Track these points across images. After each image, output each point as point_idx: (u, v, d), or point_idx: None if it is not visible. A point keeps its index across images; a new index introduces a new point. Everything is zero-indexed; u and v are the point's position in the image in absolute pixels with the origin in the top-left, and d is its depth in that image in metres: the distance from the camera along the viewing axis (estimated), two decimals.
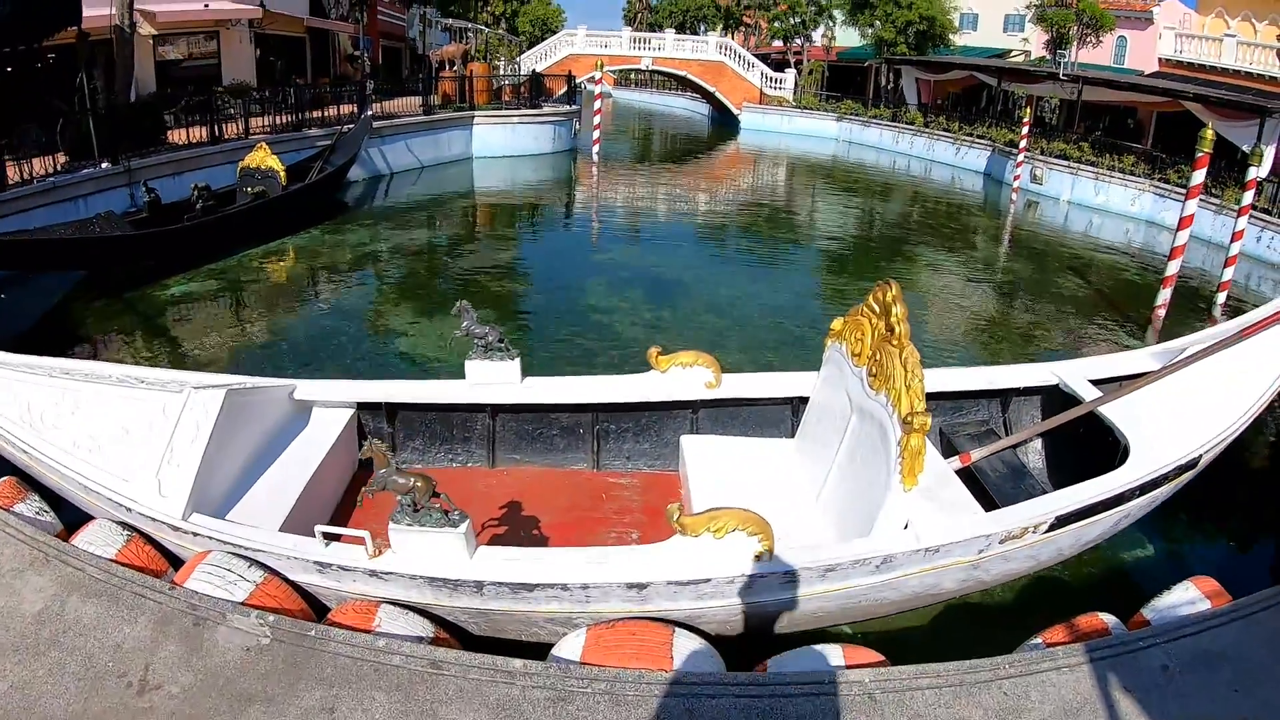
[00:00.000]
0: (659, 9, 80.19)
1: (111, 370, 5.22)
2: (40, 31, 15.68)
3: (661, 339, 9.67)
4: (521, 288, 12.50)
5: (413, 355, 9.30)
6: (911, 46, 42.04)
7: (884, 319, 4.90)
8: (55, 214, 14.04)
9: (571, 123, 29.33)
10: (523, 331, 10.22)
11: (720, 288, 12.46)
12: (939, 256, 17.22)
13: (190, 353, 9.78)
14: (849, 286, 13.73)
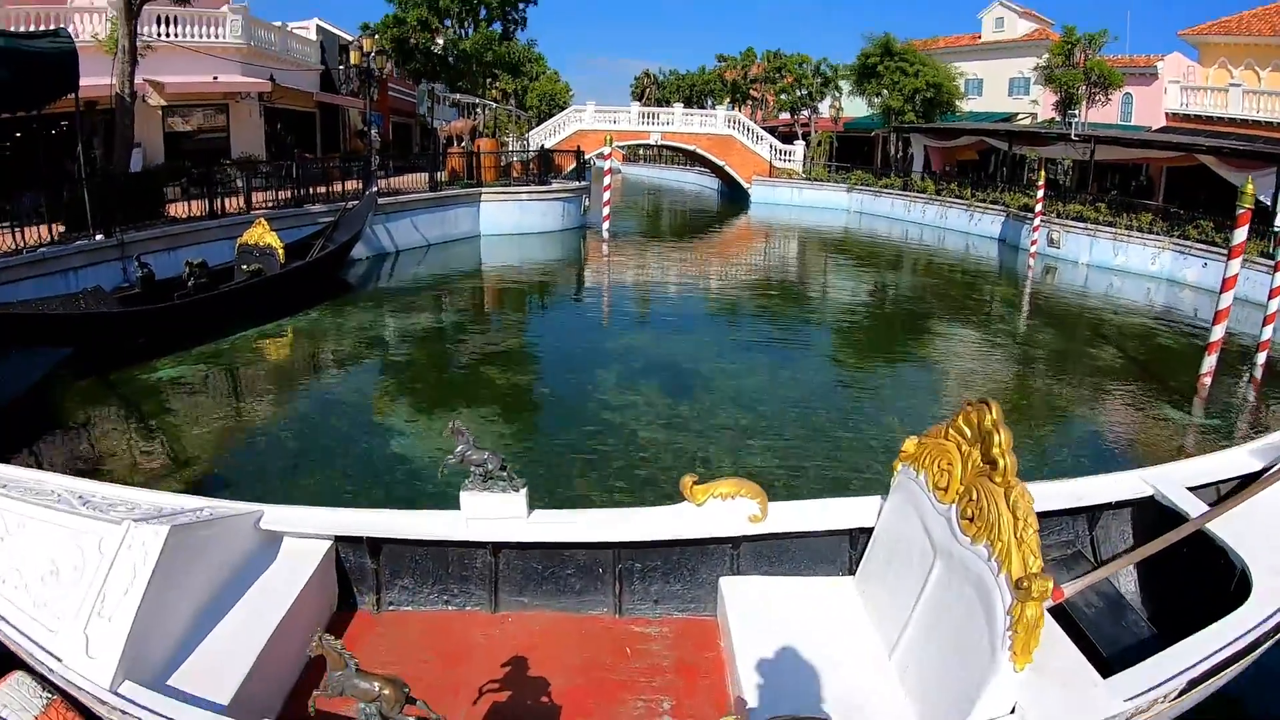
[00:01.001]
0: (666, 84, 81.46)
1: (55, 483, 4.50)
2: (38, 99, 15.28)
3: (682, 440, 9.02)
4: (528, 380, 11.77)
5: (410, 459, 8.54)
6: (919, 114, 42.29)
7: (981, 448, 4.02)
8: (44, 286, 13.66)
9: (581, 199, 29.04)
10: (530, 433, 9.48)
11: (741, 376, 11.76)
12: (960, 329, 16.70)
13: (165, 450, 9.10)
14: (872, 368, 13.06)
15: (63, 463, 8.88)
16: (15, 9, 23.16)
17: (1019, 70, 44.90)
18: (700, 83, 72.28)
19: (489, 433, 9.22)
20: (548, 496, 7.59)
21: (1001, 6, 47.75)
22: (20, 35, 15.34)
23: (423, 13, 37.84)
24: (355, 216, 19.12)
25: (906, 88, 41.43)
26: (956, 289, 21.90)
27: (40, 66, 14.48)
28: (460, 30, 39.41)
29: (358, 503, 7.48)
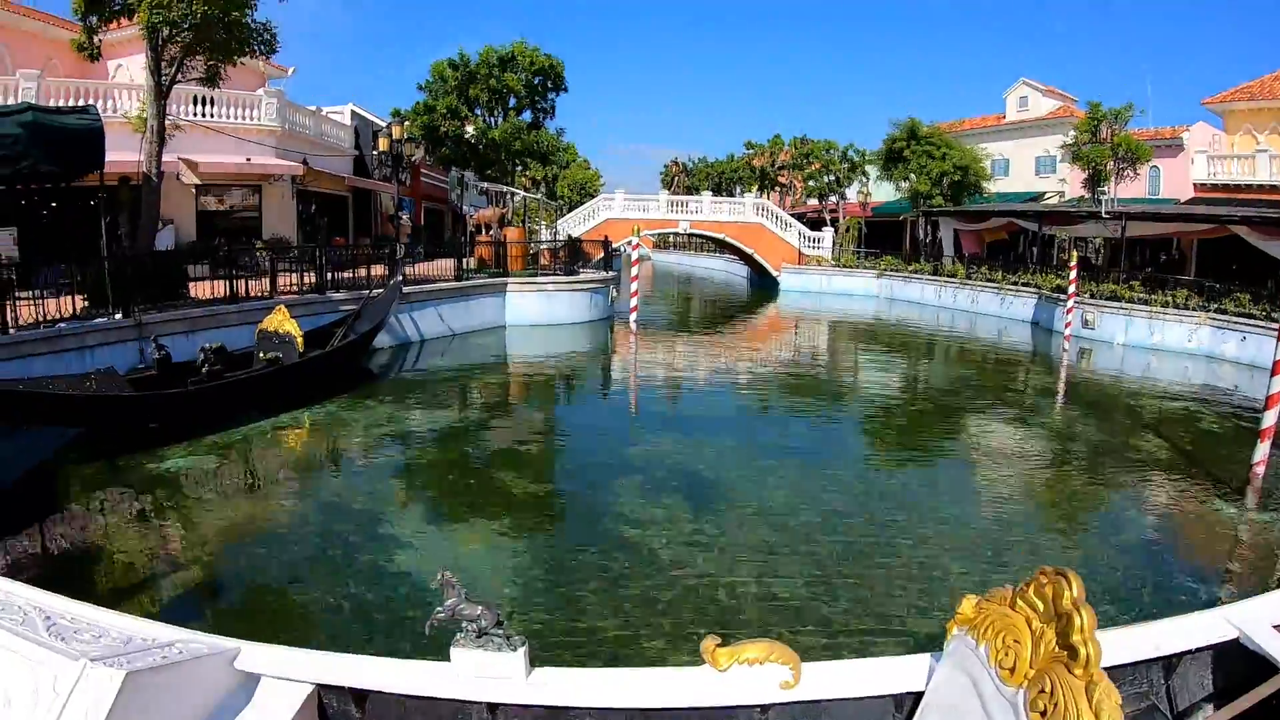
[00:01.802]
0: (695, 171, 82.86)
1: (23, 597, 3.97)
2: (66, 173, 15.52)
3: (705, 561, 8.40)
4: (545, 489, 11.18)
5: (416, 577, 7.96)
6: (947, 197, 42.45)
7: (1056, 628, 3.40)
8: (56, 364, 13.50)
9: (608, 289, 28.88)
10: (543, 550, 8.86)
11: (770, 486, 11.08)
12: (996, 423, 16.05)
13: (156, 554, 8.61)
14: (908, 473, 12.33)
15: (48, 558, 8.57)
16: (56, 83, 23.61)
17: (1045, 149, 45.43)
18: (728, 170, 73.41)
19: (500, 548, 8.72)
20: (558, 625, 7.09)
21: (1025, 85, 48.51)
22: (50, 110, 15.48)
23: (452, 101, 38.63)
24: (379, 306, 18.93)
25: (934, 171, 41.81)
26: (991, 377, 21.38)
27: (68, 141, 14.57)
28: (490, 119, 40.04)
29: (357, 627, 7.00)
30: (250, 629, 6.87)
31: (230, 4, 16.72)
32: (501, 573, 8.08)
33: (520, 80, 39.46)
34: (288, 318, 15.64)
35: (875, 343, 28.39)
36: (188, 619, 7.04)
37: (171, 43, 17.37)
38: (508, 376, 19.90)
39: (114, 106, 23.66)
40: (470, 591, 4.37)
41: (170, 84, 17.90)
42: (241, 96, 26.80)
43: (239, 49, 17.95)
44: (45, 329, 13.90)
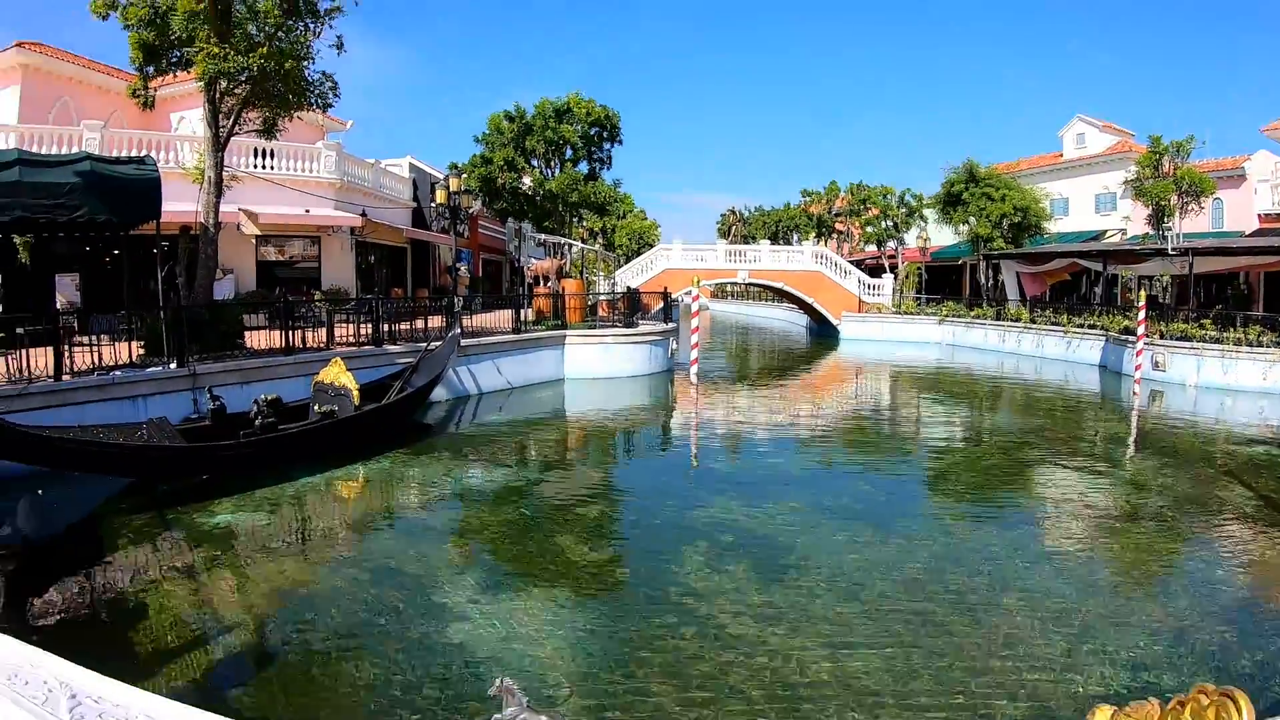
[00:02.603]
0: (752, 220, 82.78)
1: (50, 670, 3.59)
2: (123, 223, 15.68)
3: (774, 637, 7.75)
4: (605, 556, 10.55)
5: (469, 650, 7.45)
6: (1008, 239, 41.69)
7: None
8: (109, 411, 13.59)
9: (668, 341, 28.41)
10: (603, 623, 8.23)
11: (839, 552, 10.35)
12: (1069, 475, 15.09)
13: (196, 618, 8.27)
14: (981, 533, 11.38)
15: (85, 616, 8.29)
16: (119, 133, 24.06)
17: (1104, 185, 44.99)
18: (785, 218, 73.23)
19: (557, 620, 8.16)
20: (619, 704, 6.55)
21: (1081, 122, 48.03)
22: (108, 160, 15.71)
23: (509, 153, 38.92)
24: (437, 359, 18.77)
25: (993, 213, 41.19)
26: (1060, 426, 20.35)
27: (125, 191, 14.77)
28: (546, 170, 40.22)
29: (403, 712, 6.48)
30: (293, 704, 6.58)
31: (286, 57, 16.83)
32: (559, 648, 7.55)
33: (576, 131, 39.67)
34: (344, 370, 15.51)
35: (940, 392, 27.49)
36: (228, 688, 6.81)
37: (229, 95, 17.60)
38: (566, 432, 19.41)
39: (175, 158, 24.06)
40: (532, 700, 3.83)
41: (228, 136, 18.11)
42: (301, 149, 27.20)
43: (296, 101, 18.15)
44: (100, 376, 14.00)
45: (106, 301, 20.11)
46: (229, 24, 16.75)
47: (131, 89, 18.20)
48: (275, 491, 12.60)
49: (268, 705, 6.58)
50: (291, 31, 17.55)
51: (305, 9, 17.67)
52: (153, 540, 10.64)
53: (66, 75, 29.74)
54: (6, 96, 28.32)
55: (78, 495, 12.41)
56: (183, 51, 17.03)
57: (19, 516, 11.82)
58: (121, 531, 10.85)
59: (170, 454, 12.41)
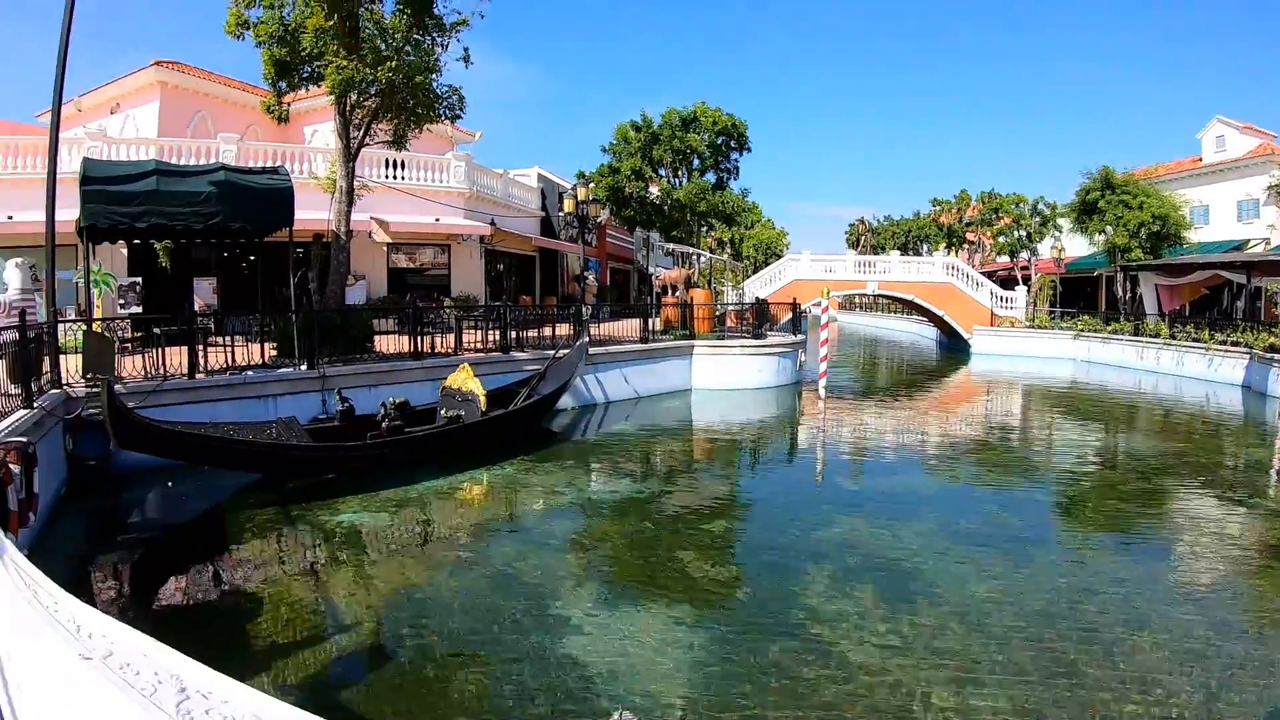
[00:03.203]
0: (881, 230, 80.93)
1: (161, 663, 3.55)
2: (257, 230, 16.25)
3: (898, 668, 7.12)
4: (728, 573, 9.99)
5: (584, 665, 7.08)
6: (1146, 249, 39.15)
7: None
8: (240, 410, 14.03)
9: (796, 353, 27.57)
10: (722, 645, 7.70)
11: (969, 581, 9.50)
12: (1213, 505, 13.67)
13: (312, 614, 8.28)
14: (1119, 567, 10.23)
15: (204, 606, 8.50)
16: (254, 146, 24.89)
17: (1246, 192, 41.95)
18: (914, 228, 71.25)
19: (675, 639, 7.71)
20: None
21: (1221, 124, 44.84)
22: (242, 170, 16.47)
23: (636, 162, 38.83)
24: (565, 366, 18.70)
25: (1130, 222, 38.76)
26: (1199, 449, 18.59)
27: (258, 199, 15.35)
28: (674, 179, 39.96)
29: (518, 713, 6.28)
30: (404, 709, 6.38)
31: (414, 70, 16.99)
32: (676, 667, 7.13)
33: (703, 140, 39.29)
34: (471, 376, 15.58)
35: (1074, 410, 25.75)
36: (340, 689, 6.69)
37: (359, 107, 17.94)
38: (692, 443, 18.91)
39: (308, 169, 24.74)
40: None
41: (358, 147, 18.49)
42: (431, 160, 27.73)
43: (424, 113, 18.39)
44: (232, 375, 14.47)
45: (242, 305, 20.79)
46: (358, 39, 17.16)
47: (265, 104, 18.80)
48: (399, 493, 12.61)
49: (378, 710, 6.41)
50: (419, 45, 17.85)
51: (431, 24, 17.98)
52: (276, 536, 10.78)
53: (203, 91, 31.27)
54: (146, 112, 29.97)
55: (207, 489, 12.76)
56: (313, 66, 17.55)
57: (148, 507, 12.32)
58: (246, 526, 11.03)
59: (297, 452, 12.65)
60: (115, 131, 28.22)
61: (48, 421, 11.10)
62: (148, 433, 11.30)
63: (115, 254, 21.98)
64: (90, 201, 13.75)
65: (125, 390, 12.60)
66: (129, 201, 13.98)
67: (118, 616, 4.34)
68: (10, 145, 23.09)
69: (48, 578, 4.23)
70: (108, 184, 14.04)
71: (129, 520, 11.92)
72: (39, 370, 11.99)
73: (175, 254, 21.80)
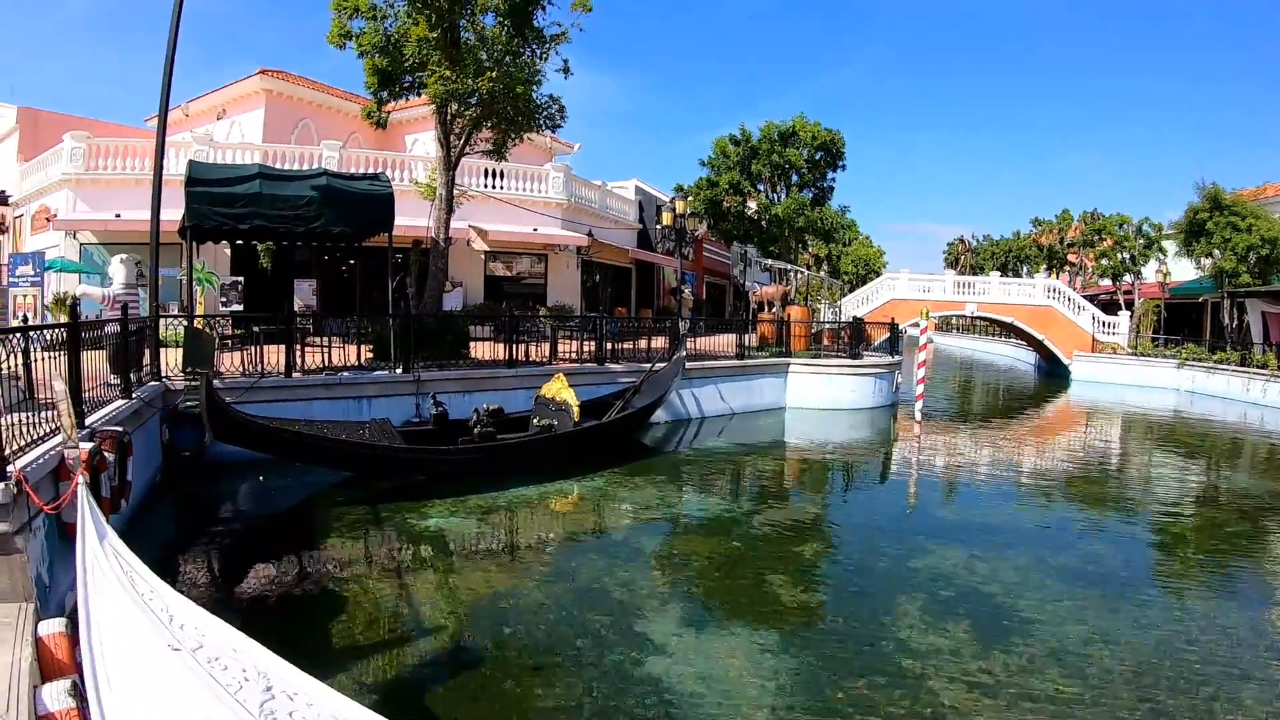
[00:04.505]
0: (980, 250, 79.02)
1: (250, 659, 3.60)
2: (358, 234, 16.65)
3: (988, 710, 6.69)
4: (817, 600, 9.57)
5: (667, 686, 6.83)
6: (1255, 274, 36.96)
7: None
8: (335, 409, 14.27)
9: (893, 374, 26.82)
10: (809, 674, 7.34)
11: (1065, 620, 8.91)
12: None
13: (400, 614, 8.27)
14: (1222, 613, 9.44)
15: (289, 598, 8.61)
16: (356, 153, 25.42)
17: None
18: (1014, 248, 69.24)
19: (760, 666, 7.41)
20: None
21: None
22: (344, 176, 16.88)
23: (734, 176, 38.50)
24: (661, 380, 18.54)
25: (1239, 245, 36.63)
26: None
27: (359, 205, 15.59)
28: (772, 194, 39.51)
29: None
30: (482, 718, 6.32)
31: (515, 80, 17.01)
32: (759, 695, 6.83)
33: (802, 156, 38.74)
34: (565, 386, 15.54)
35: (1178, 443, 24.30)
36: (419, 693, 6.62)
37: (459, 116, 18.06)
38: (785, 463, 18.44)
39: (408, 176, 25.13)
40: None
41: (459, 155, 18.67)
42: (530, 170, 27.97)
43: (524, 123, 18.47)
44: (328, 376, 14.73)
45: (341, 307, 21.12)
46: (459, 49, 17.28)
47: (366, 111, 19.13)
48: (488, 499, 12.58)
49: (455, 717, 6.29)
50: (519, 56, 17.89)
51: (531, 35, 18.05)
52: (363, 535, 10.85)
53: (306, 99, 32.16)
54: (252, 119, 30.94)
55: (298, 485, 12.96)
56: (415, 76, 17.76)
57: (239, 500, 12.56)
58: (334, 524, 11.13)
59: (389, 453, 12.74)
60: (221, 137, 29.24)
61: (145, 412, 11.43)
62: (242, 427, 11.53)
63: (219, 254, 22.69)
64: (195, 202, 14.13)
65: (223, 385, 12.95)
66: (233, 203, 14.33)
67: (201, 605, 4.25)
68: (120, 148, 24.14)
69: (146, 566, 4.13)
70: (212, 186, 14.43)
71: (219, 511, 12.17)
72: (139, 363, 12.38)
73: (276, 255, 22.36)
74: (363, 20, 17.29)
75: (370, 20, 17.25)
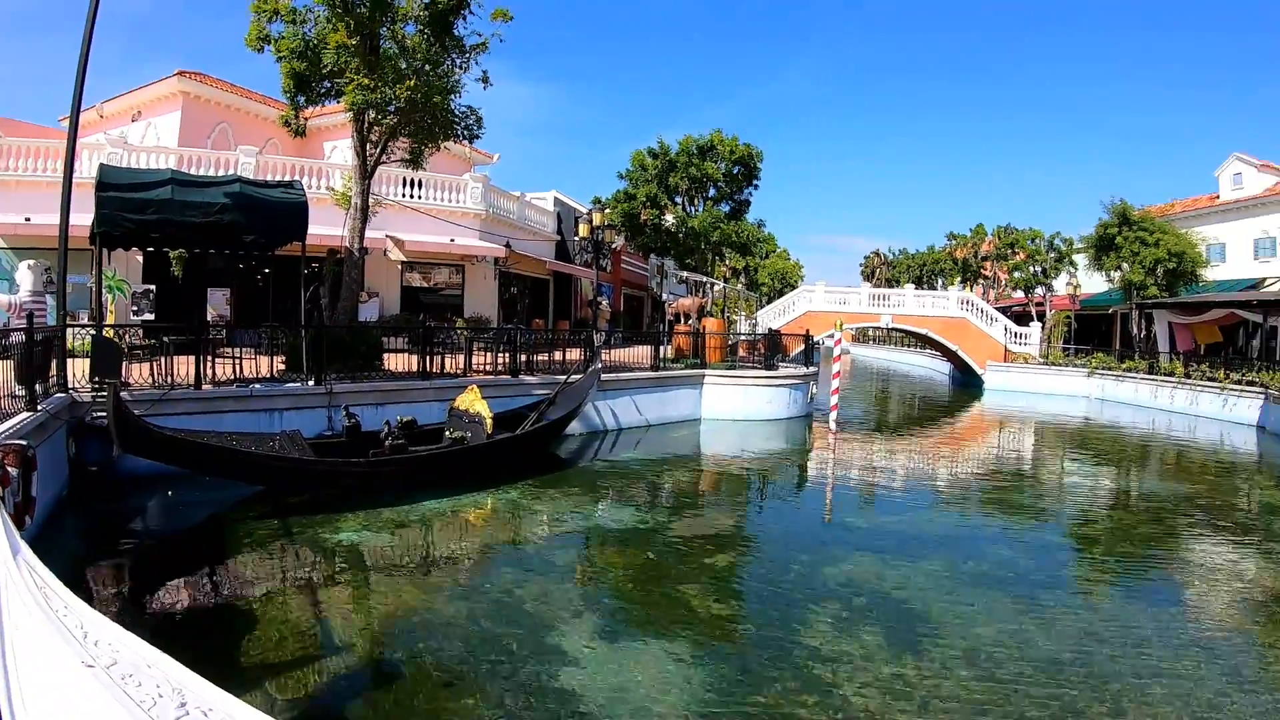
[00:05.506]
0: (896, 263, 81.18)
1: (164, 673, 3.43)
2: (269, 243, 16.28)
3: (900, 713, 6.94)
4: (730, 610, 9.79)
5: (581, 698, 6.93)
6: (1162, 287, 39.07)
7: None
8: (246, 421, 14.06)
9: (808, 385, 27.39)
10: (720, 684, 7.49)
11: (976, 624, 9.29)
12: (1221, 545, 13.58)
13: (311, 631, 8.15)
14: (1130, 614, 9.96)
15: (195, 614, 8.51)
16: (273, 159, 25.02)
17: (1263, 229, 41.89)
18: (930, 261, 71.27)
19: (673, 676, 7.54)
20: None
21: (1238, 161, 44.78)
22: (257, 183, 16.61)
23: (652, 189, 38.89)
24: (575, 392, 18.64)
25: (1147, 259, 38.75)
26: (1213, 491, 18.30)
27: (271, 212, 15.37)
28: (690, 208, 40.00)
29: None
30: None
31: (433, 90, 17.06)
32: (673, 706, 6.96)
33: (719, 169, 39.30)
34: (479, 398, 15.52)
35: (1087, 450, 25.43)
36: (331, 711, 6.59)
37: (377, 125, 18.04)
38: (700, 473, 18.74)
39: (325, 184, 24.86)
40: None
41: (375, 164, 18.62)
42: (448, 180, 27.89)
43: (441, 133, 18.52)
44: (239, 387, 14.52)
45: (256, 317, 20.83)
46: (378, 57, 17.21)
47: (283, 117, 18.94)
48: (401, 513, 12.52)
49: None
50: (439, 65, 17.90)
51: (452, 44, 18.11)
52: (275, 551, 10.72)
53: (224, 103, 31.57)
54: (168, 122, 30.26)
55: (207, 499, 12.76)
56: (333, 82, 17.62)
57: (148, 515, 12.32)
58: (245, 539, 10.98)
59: (299, 466, 12.61)
60: (136, 139, 28.44)
61: (51, 425, 11.08)
62: (150, 438, 11.32)
63: (130, 261, 22.09)
64: (105, 207, 13.78)
65: (131, 397, 12.63)
66: (144, 209, 13.98)
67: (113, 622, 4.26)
68: (31, 148, 23.29)
69: (60, 581, 4.17)
70: (124, 191, 14.05)
71: (128, 527, 11.88)
72: (46, 374, 12.02)
73: (190, 263, 21.87)
74: (282, 24, 17.07)
75: (290, 24, 17.03)
